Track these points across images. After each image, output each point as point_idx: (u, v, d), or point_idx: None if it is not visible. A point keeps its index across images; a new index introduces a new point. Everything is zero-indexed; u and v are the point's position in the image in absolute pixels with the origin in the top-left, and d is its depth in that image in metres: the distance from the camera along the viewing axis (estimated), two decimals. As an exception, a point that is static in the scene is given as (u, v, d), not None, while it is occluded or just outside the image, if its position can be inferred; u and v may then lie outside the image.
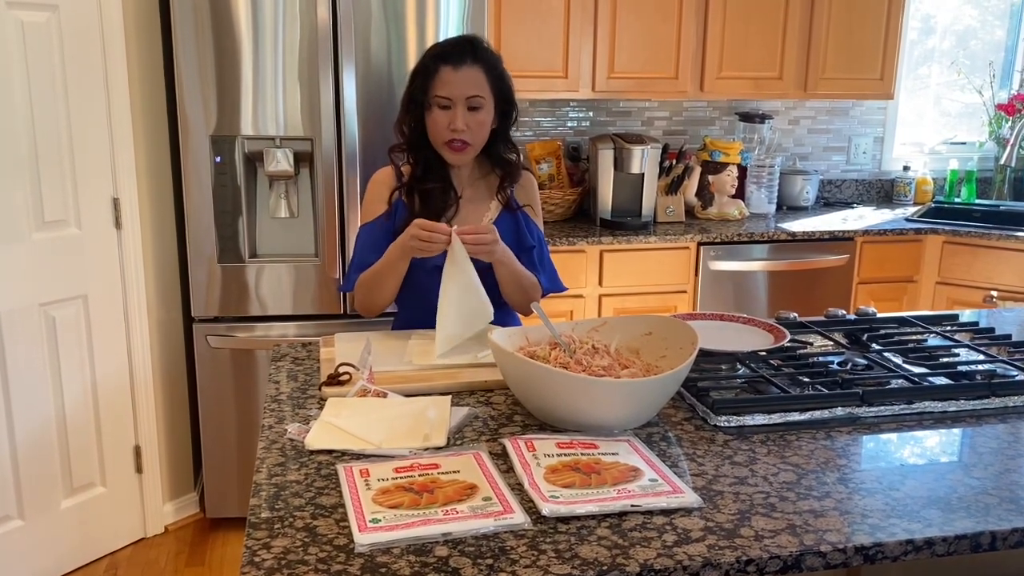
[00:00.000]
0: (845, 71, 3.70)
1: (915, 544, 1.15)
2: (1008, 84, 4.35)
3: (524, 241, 2.03)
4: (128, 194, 2.78)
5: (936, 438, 1.49)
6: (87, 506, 2.82)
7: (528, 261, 2.02)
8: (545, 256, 2.07)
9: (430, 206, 1.95)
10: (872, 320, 2.08)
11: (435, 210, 1.95)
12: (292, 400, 1.61)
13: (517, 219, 2.03)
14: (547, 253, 2.08)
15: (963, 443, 1.48)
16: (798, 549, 1.12)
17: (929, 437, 1.49)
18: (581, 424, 1.45)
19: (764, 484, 1.29)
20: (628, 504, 1.20)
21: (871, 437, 1.48)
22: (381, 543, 1.11)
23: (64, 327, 2.69)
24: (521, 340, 1.64)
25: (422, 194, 1.96)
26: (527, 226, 2.04)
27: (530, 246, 2.03)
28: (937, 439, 1.49)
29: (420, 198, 1.96)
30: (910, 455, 1.43)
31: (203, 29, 2.70)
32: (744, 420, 1.50)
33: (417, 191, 1.96)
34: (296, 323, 2.96)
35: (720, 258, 3.43)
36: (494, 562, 1.08)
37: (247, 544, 1.12)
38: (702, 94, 3.61)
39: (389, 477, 1.27)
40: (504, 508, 1.19)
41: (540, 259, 2.04)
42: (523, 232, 2.03)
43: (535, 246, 2.04)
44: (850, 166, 4.23)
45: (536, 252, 2.04)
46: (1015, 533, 1.19)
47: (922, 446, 1.46)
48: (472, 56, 1.90)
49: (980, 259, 3.52)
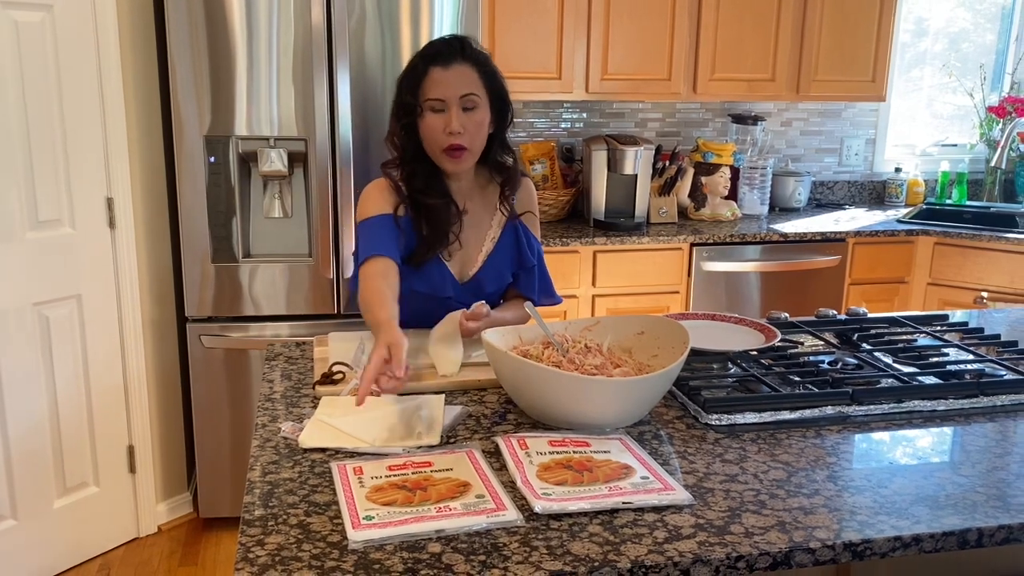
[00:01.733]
0: (837, 73, 3.72)
1: (903, 541, 1.17)
2: (999, 87, 4.38)
3: (525, 260, 1.98)
4: (122, 194, 2.78)
5: (925, 437, 1.51)
6: (80, 506, 2.83)
7: (527, 278, 1.99)
8: (542, 271, 2.03)
9: (435, 226, 1.86)
10: (863, 320, 2.09)
11: (442, 229, 1.87)
12: (286, 399, 1.61)
13: (518, 234, 1.97)
14: (544, 267, 2.04)
15: (952, 441, 1.49)
16: (787, 546, 1.13)
17: (918, 436, 1.51)
18: (574, 422, 1.46)
19: (754, 482, 1.31)
20: (620, 501, 1.21)
21: (861, 436, 1.50)
22: (374, 540, 1.11)
23: (58, 327, 2.69)
24: (515, 339, 1.65)
25: (427, 214, 1.86)
26: (528, 242, 1.98)
27: (530, 265, 1.98)
28: (926, 438, 1.50)
29: (426, 220, 1.86)
30: (899, 454, 1.44)
31: (197, 29, 2.71)
32: (735, 418, 1.52)
33: (422, 209, 1.86)
34: (290, 323, 2.97)
35: (712, 259, 3.44)
36: (487, 558, 1.09)
37: (241, 541, 1.12)
38: (695, 96, 3.62)
39: (383, 475, 1.28)
40: (497, 505, 1.20)
41: (538, 273, 2.01)
42: (524, 250, 1.97)
43: (535, 265, 1.99)
44: (842, 168, 4.26)
45: (535, 269, 2.00)
46: (1002, 530, 1.20)
47: (911, 445, 1.48)
48: (462, 54, 1.82)
49: (971, 260, 3.55)
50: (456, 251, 1.92)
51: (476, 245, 1.95)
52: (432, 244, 1.87)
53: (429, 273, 1.88)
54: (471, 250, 1.94)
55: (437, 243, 1.87)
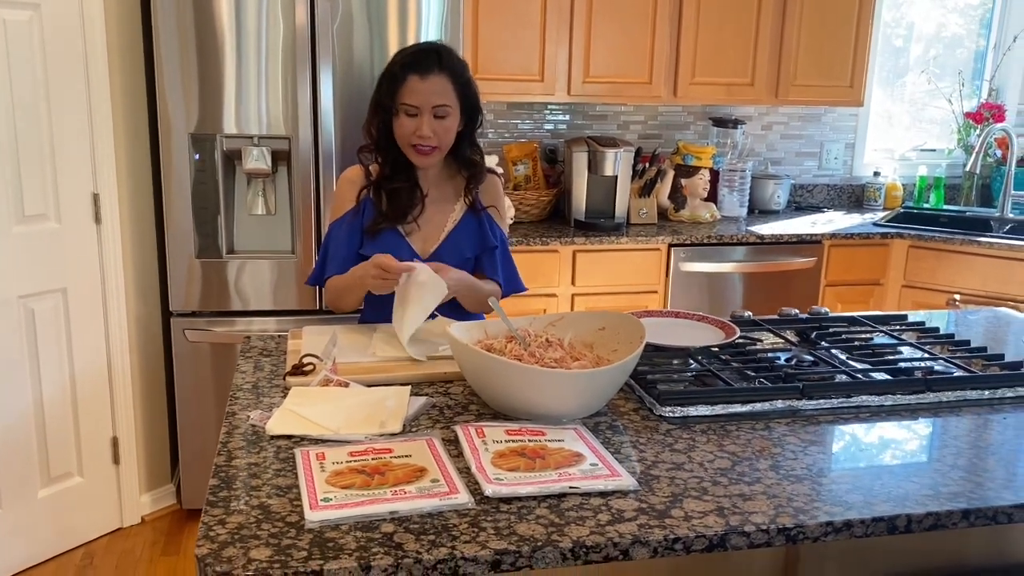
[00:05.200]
0: (816, 78, 3.78)
1: (834, 526, 1.23)
2: (977, 93, 4.45)
3: (487, 241, 2.09)
4: (108, 190, 2.84)
5: (870, 430, 1.57)
6: (64, 496, 2.88)
7: (489, 261, 2.09)
8: (506, 257, 2.13)
9: (397, 205, 2.02)
10: (823, 319, 2.15)
11: (401, 209, 2.02)
12: (257, 389, 1.67)
13: (481, 220, 2.09)
14: (508, 254, 2.14)
15: (895, 436, 1.55)
16: (723, 529, 1.19)
17: (864, 429, 1.57)
18: (532, 413, 1.51)
19: (699, 470, 1.37)
20: (567, 486, 1.27)
21: (808, 428, 1.55)
22: (330, 520, 1.17)
23: (43, 320, 2.74)
24: (480, 334, 1.71)
25: (389, 193, 2.02)
26: (490, 227, 2.09)
27: (492, 246, 2.09)
28: (871, 431, 1.56)
29: (387, 197, 2.02)
30: (843, 446, 1.51)
31: (184, 27, 2.76)
32: (688, 411, 1.58)
33: (384, 190, 2.02)
34: (273, 318, 3.02)
35: (690, 259, 3.51)
36: (436, 538, 1.15)
37: (203, 520, 1.18)
38: (675, 99, 3.69)
39: (344, 460, 1.34)
40: (450, 489, 1.26)
41: (502, 260, 2.10)
42: (486, 232, 2.09)
43: (497, 246, 2.09)
44: (822, 171, 4.32)
45: (498, 252, 2.10)
46: (929, 516, 1.26)
47: (856, 438, 1.54)
48: (438, 65, 1.94)
49: (944, 263, 3.61)
50: (416, 231, 2.04)
51: (438, 225, 2.07)
52: (389, 218, 2.01)
53: (385, 241, 2.00)
54: (433, 229, 2.06)
55: (394, 219, 2.02)
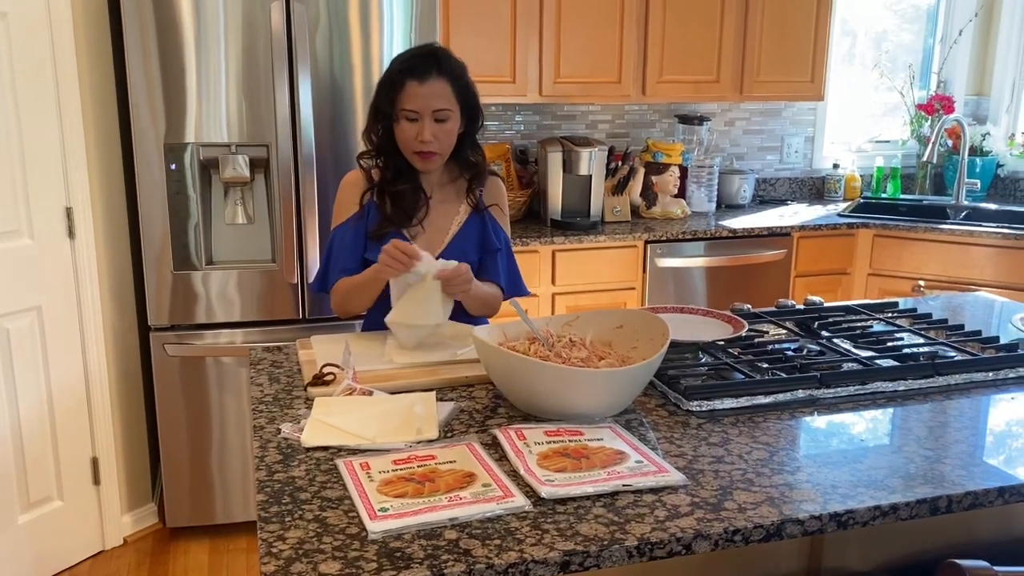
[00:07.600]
0: (778, 74, 3.87)
1: (882, 510, 1.26)
2: (926, 85, 4.60)
3: (489, 244, 2.07)
4: (81, 203, 2.75)
5: (890, 415, 1.61)
6: (44, 521, 2.78)
7: (491, 263, 2.08)
8: (510, 261, 2.12)
9: (401, 207, 2.00)
10: (820, 309, 2.21)
11: (406, 211, 2.01)
12: (279, 401, 1.64)
13: (484, 221, 2.08)
14: (512, 258, 2.13)
15: (915, 419, 1.60)
16: (779, 518, 1.22)
17: (883, 414, 1.61)
18: (564, 413, 1.52)
19: (740, 462, 1.39)
20: (620, 484, 1.28)
21: (831, 416, 1.59)
22: (392, 530, 1.16)
23: (18, 339, 2.65)
24: (499, 336, 1.71)
25: (393, 196, 2.00)
26: (494, 229, 2.08)
27: (495, 249, 2.08)
28: (891, 416, 1.61)
29: (391, 200, 2.00)
30: (869, 431, 1.55)
31: (154, 37, 2.69)
32: (714, 404, 1.60)
33: (388, 193, 2.01)
34: (255, 329, 2.96)
35: (666, 255, 3.55)
36: (502, 542, 1.14)
37: (262, 537, 1.16)
38: (644, 98, 3.73)
39: (389, 469, 1.33)
40: (504, 493, 1.25)
41: (506, 263, 2.09)
42: (489, 235, 2.07)
43: (500, 249, 2.08)
44: (783, 165, 4.42)
45: (501, 256, 2.09)
46: (968, 496, 1.31)
47: (878, 422, 1.58)
48: (437, 69, 1.93)
49: (907, 251, 3.73)
50: (421, 234, 2.03)
51: (442, 228, 2.06)
52: (393, 221, 1.99)
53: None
54: (437, 231, 2.05)
55: (399, 222, 2.00)
